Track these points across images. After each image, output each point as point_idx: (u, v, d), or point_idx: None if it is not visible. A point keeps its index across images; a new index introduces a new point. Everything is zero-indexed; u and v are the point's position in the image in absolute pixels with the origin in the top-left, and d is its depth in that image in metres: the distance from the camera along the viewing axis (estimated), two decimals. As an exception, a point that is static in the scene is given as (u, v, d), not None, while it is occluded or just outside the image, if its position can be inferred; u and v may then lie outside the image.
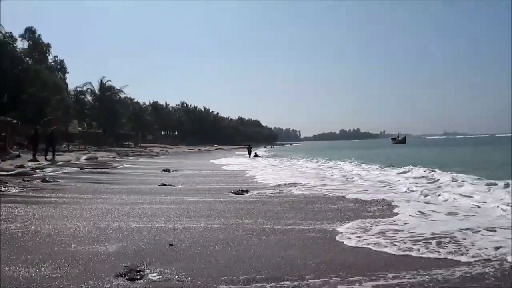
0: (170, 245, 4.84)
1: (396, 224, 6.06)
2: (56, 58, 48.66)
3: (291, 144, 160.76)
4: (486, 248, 4.56)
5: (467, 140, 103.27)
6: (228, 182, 13.15)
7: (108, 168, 19.11)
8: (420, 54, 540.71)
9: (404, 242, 5.01)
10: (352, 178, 14.17)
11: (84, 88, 55.84)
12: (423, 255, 4.49)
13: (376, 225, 5.96)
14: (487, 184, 9.81)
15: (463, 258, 4.31)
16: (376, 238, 5.22)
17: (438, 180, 11.91)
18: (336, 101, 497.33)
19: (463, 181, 10.83)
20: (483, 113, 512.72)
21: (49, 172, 14.46)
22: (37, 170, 14.68)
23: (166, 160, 31.06)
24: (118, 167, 20.09)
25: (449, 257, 4.40)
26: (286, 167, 22.27)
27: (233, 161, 29.73)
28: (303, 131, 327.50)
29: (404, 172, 14.53)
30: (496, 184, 9.49)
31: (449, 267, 4.06)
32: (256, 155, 36.28)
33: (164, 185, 11.63)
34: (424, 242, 4.94)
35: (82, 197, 8.94)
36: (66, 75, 50.63)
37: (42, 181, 11.61)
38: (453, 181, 11.09)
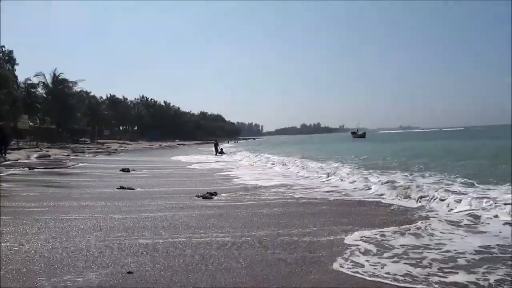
0: (129, 272, 4.01)
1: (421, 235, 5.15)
2: (3, 49, 45.30)
3: (254, 138, 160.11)
4: None
5: (422, 134, 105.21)
6: (197, 184, 12.27)
7: (61, 168, 17.66)
8: (382, 53, 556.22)
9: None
10: (334, 176, 12.89)
11: (35, 81, 52.39)
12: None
13: (393, 236, 5.11)
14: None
15: None
16: (395, 262, 4.10)
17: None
18: (297, 96, 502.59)
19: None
20: (433, 109, 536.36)
21: (-9, 175, 13.00)
22: (-23, 172, 13.17)
23: (126, 157, 29.54)
24: (73, 166, 18.64)
25: None
26: (260, 164, 20.97)
27: (199, 158, 28.52)
28: (265, 125, 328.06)
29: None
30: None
31: None
32: (221, 152, 35.26)
33: (123, 188, 10.61)
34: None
35: (28, 207, 7.80)
36: (16, 67, 47.37)
37: (-19, 186, 10.29)
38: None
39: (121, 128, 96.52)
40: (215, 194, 9.47)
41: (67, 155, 27.36)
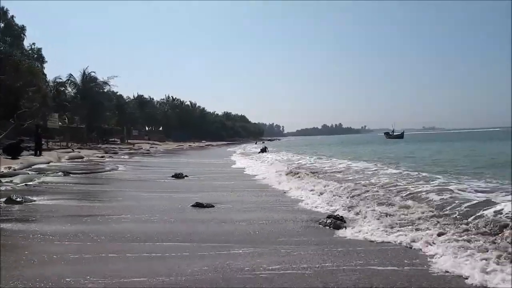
0: None
1: None
2: (33, 46, 43.50)
3: (279, 139, 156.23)
4: None
5: (452, 135, 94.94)
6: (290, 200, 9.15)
7: (100, 172, 14.84)
8: (405, 52, 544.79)
9: None
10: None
11: (65, 79, 50.51)
12: None
13: None
14: None
15: None
16: None
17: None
18: (316, 96, 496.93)
19: None
20: (455, 109, 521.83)
21: (20, 183, 10.16)
22: (2, 180, 10.37)
23: (164, 159, 26.70)
24: (113, 170, 15.77)
25: None
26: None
27: (249, 162, 24.18)
28: (286, 126, 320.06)
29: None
30: None
31: None
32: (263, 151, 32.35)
33: (200, 205, 7.54)
34: None
35: (59, 245, 4.81)
36: (44, 65, 45.53)
37: (6, 202, 7.41)
38: None
39: (147, 128, 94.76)
40: (342, 219, 6.29)
41: (101, 157, 24.72)
